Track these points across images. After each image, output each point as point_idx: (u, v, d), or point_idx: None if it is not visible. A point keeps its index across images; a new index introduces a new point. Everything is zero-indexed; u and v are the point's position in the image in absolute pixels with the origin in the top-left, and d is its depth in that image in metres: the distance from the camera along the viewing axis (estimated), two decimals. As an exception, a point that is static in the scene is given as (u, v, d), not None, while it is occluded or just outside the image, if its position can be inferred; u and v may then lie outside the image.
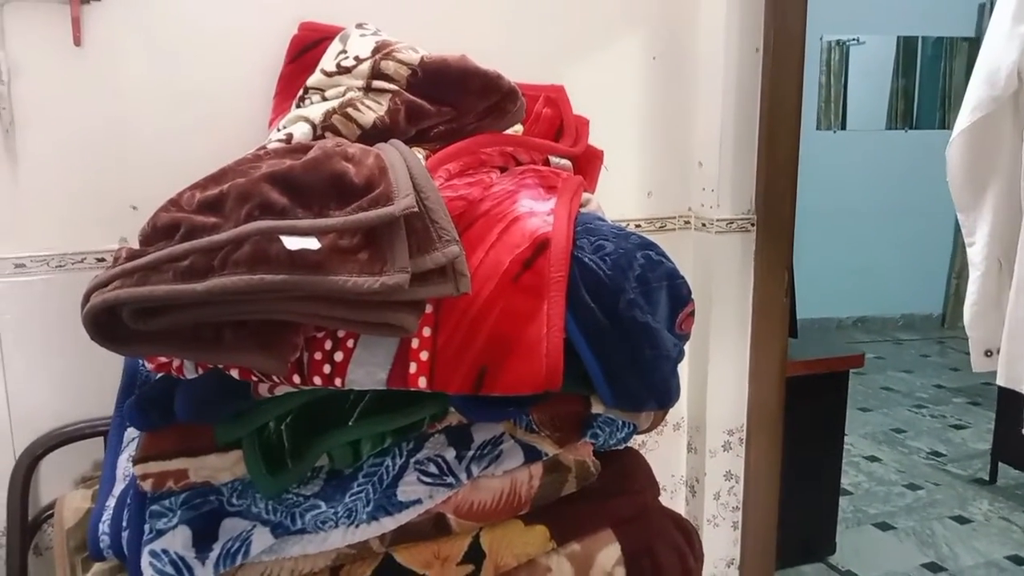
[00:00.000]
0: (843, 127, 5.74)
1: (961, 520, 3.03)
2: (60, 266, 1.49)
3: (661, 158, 1.94)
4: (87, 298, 0.86)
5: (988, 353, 1.43)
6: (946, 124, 5.78)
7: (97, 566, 1.17)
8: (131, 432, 1.29)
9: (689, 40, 1.90)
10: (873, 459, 3.61)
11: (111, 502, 1.17)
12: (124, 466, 1.23)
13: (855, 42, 5.65)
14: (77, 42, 1.43)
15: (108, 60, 1.47)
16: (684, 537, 1.18)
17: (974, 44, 5.65)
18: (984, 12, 5.55)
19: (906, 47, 5.73)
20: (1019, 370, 1.32)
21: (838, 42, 5.62)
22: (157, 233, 0.93)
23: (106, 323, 0.86)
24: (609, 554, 1.11)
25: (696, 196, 1.97)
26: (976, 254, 1.42)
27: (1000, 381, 1.38)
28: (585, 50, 1.82)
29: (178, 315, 0.86)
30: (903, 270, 5.78)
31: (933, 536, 2.91)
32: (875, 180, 5.66)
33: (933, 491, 3.29)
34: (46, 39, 1.43)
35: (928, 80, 5.79)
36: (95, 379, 1.48)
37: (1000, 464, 3.28)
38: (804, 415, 2.35)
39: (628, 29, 1.85)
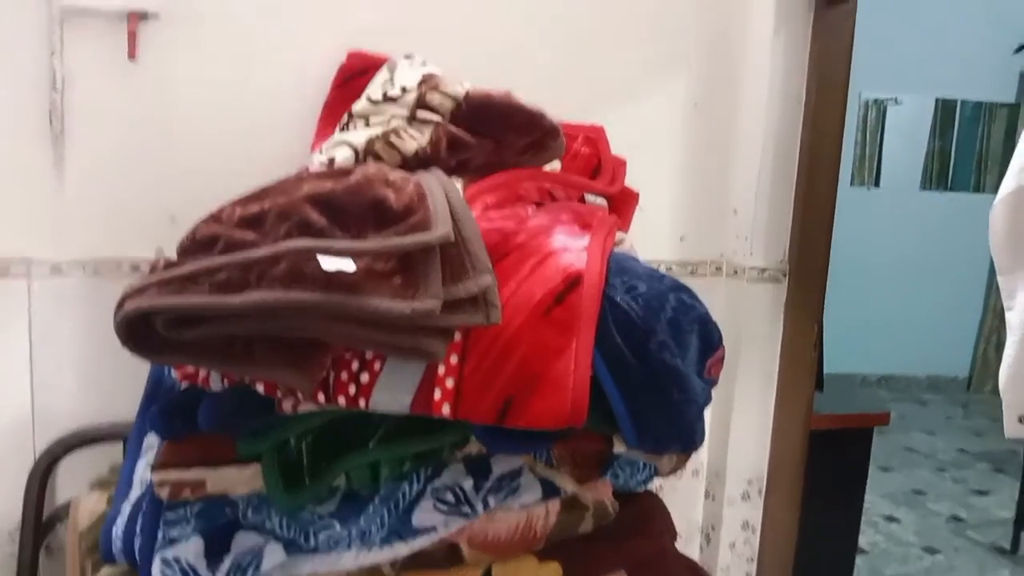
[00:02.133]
0: (877, 184, 5.72)
1: (980, 589, 2.97)
2: (96, 272, 1.51)
3: (696, 203, 1.94)
4: (121, 304, 0.87)
5: (1022, 419, 1.40)
6: (981, 187, 5.75)
7: (108, 569, 1.17)
8: (150, 439, 1.30)
9: (731, 88, 1.91)
10: (892, 519, 3.54)
11: (126, 506, 1.17)
12: (142, 472, 1.23)
13: (893, 101, 5.65)
14: (132, 56, 1.47)
15: (159, 75, 1.50)
16: (698, 584, 1.16)
17: (1014, 110, 5.63)
18: (1025, 79, 5.54)
19: (944, 109, 5.72)
20: (1052, 438, 1.30)
21: (876, 100, 5.62)
22: (196, 245, 0.94)
23: (138, 330, 0.87)
24: (622, 597, 1.10)
25: (729, 243, 1.97)
26: (1015, 318, 1.40)
27: (1034, 449, 1.35)
28: (627, 92, 1.83)
29: (210, 327, 0.87)
30: (931, 330, 5.72)
31: (950, 603, 2.85)
32: (907, 239, 5.63)
33: (952, 556, 3.22)
34: (102, 52, 1.47)
35: (965, 143, 5.76)
36: (119, 384, 1.49)
37: (1023, 534, 3.21)
38: (825, 470, 2.31)
39: (671, 75, 1.86)
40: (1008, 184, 1.37)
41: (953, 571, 3.09)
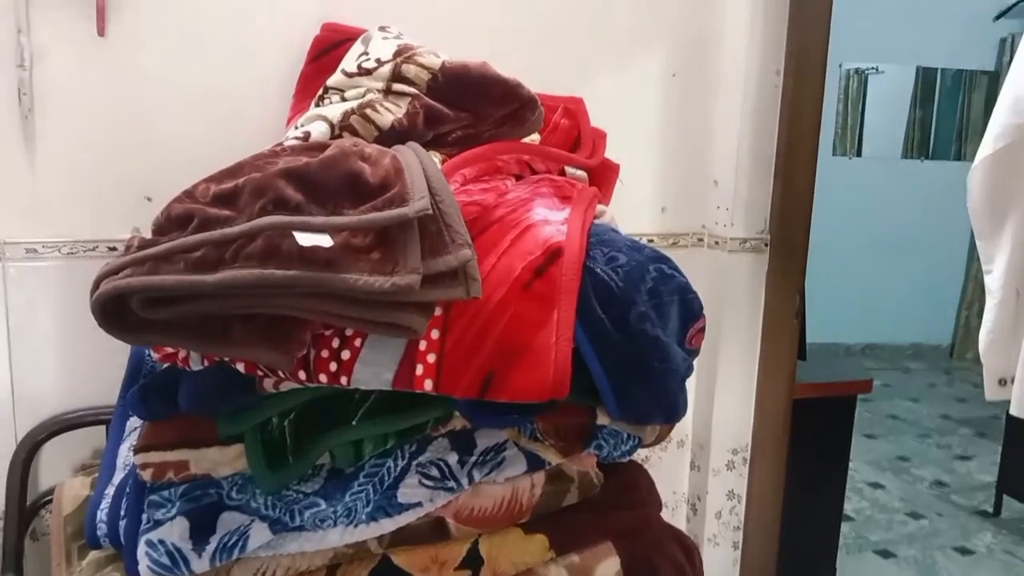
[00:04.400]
0: (859, 154, 5.74)
1: (963, 551, 3.00)
2: (72, 253, 1.49)
3: (677, 174, 1.94)
4: (97, 285, 0.86)
5: (1002, 382, 1.42)
6: (962, 156, 5.78)
7: (93, 554, 1.17)
8: (133, 422, 1.29)
9: (710, 59, 1.90)
10: (877, 486, 3.58)
11: (110, 490, 1.17)
12: (125, 455, 1.23)
13: (874, 71, 5.65)
14: (101, 32, 1.44)
15: (130, 51, 1.48)
16: (684, 554, 1.17)
17: (993, 78, 5.65)
18: (1004, 46, 5.54)
19: (925, 78, 5.73)
20: (1033, 400, 1.31)
21: (857, 70, 5.62)
22: (170, 223, 0.93)
23: (115, 311, 0.86)
24: (608, 567, 1.10)
25: (710, 214, 1.97)
26: (993, 282, 1.41)
27: (1013, 410, 1.37)
28: (606, 64, 1.82)
29: (187, 306, 0.86)
30: (914, 299, 5.77)
31: (935, 566, 2.88)
32: (889, 208, 5.66)
33: (936, 521, 3.26)
34: (70, 28, 1.43)
35: (946, 112, 5.78)
36: (100, 367, 1.48)
37: (1005, 497, 3.26)
38: (809, 438, 2.33)
39: (649, 45, 1.85)
40: (985, 149, 1.38)
41: (937, 535, 3.13)
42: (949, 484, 3.64)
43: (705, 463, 2.01)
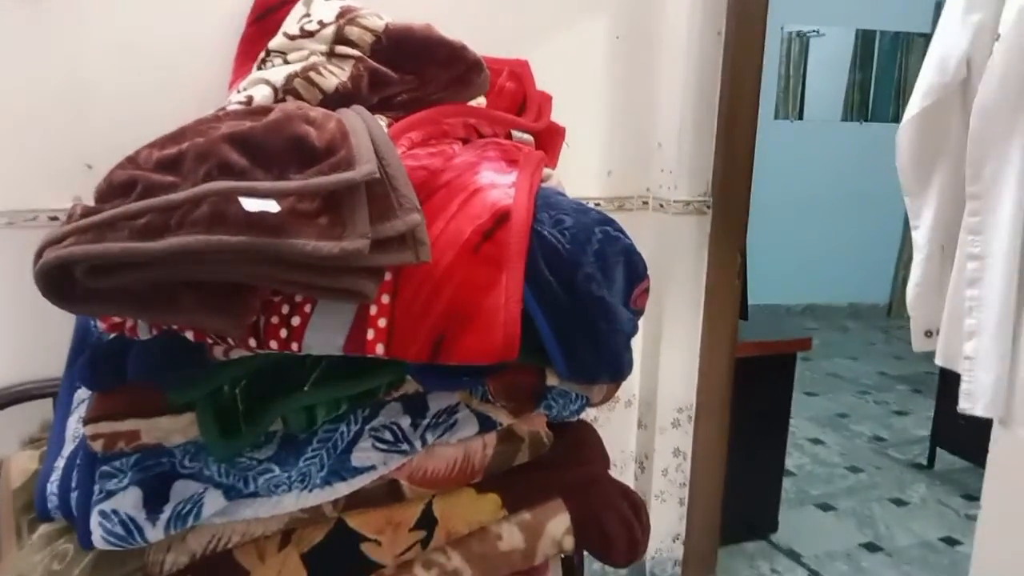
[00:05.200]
0: (800, 117, 5.82)
1: (899, 502, 3.12)
2: (11, 223, 1.46)
3: (622, 138, 1.96)
4: (40, 254, 0.84)
5: (928, 333, 1.47)
6: (899, 118, 5.86)
7: (44, 527, 1.15)
8: (81, 394, 1.27)
9: (652, 21, 1.91)
10: (817, 442, 3.69)
11: (60, 463, 1.15)
12: (73, 427, 1.21)
13: (815, 34, 5.72)
14: (34, -6, 1.41)
15: (67, 14, 1.44)
16: (632, 509, 1.20)
17: (929, 39, 5.75)
18: (940, 8, 5.65)
19: (864, 40, 5.81)
20: (956, 349, 1.37)
21: (798, 33, 5.68)
22: (113, 190, 0.91)
23: (58, 280, 0.85)
24: (559, 523, 1.13)
25: (655, 177, 1.99)
26: (920, 237, 1.46)
27: (938, 360, 1.43)
28: (550, 26, 1.82)
29: (133, 274, 0.85)
30: (852, 260, 5.89)
31: (872, 517, 2.99)
32: (829, 171, 5.76)
33: (874, 474, 3.38)
34: (2, -9, 1.39)
35: (884, 74, 5.88)
36: (45, 339, 1.45)
37: (938, 450, 3.38)
38: (752, 397, 2.40)
39: (593, 7, 1.86)
40: (912, 108, 1.42)
41: (875, 488, 3.25)
42: (886, 439, 3.76)
43: (652, 422, 2.06)
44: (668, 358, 2.01)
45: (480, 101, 1.35)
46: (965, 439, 3.16)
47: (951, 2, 1.38)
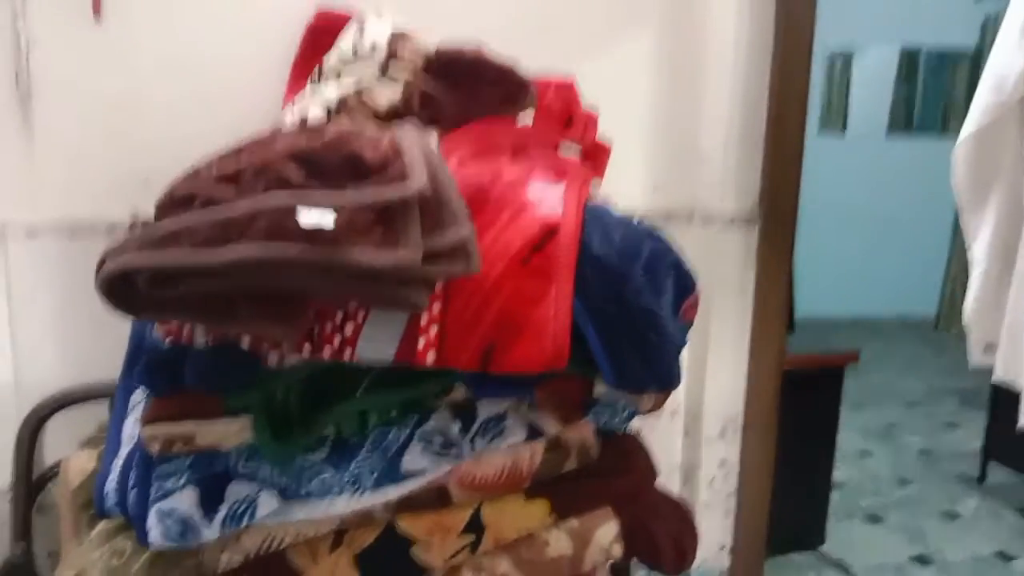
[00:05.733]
0: (844, 132, 5.77)
1: (950, 516, 3.07)
2: (72, 234, 1.51)
3: (667, 152, 1.96)
4: (102, 263, 0.88)
5: (987, 348, 1.46)
6: (946, 132, 5.81)
7: (103, 524, 1.18)
8: (136, 396, 1.31)
9: (698, 36, 1.91)
10: (865, 454, 3.64)
11: (117, 463, 1.19)
12: (130, 429, 1.25)
13: (859, 50, 5.67)
14: (97, 14, 1.45)
15: (126, 33, 1.48)
16: (680, 517, 1.20)
17: (976, 56, 5.68)
18: (987, 25, 5.56)
19: (908, 57, 5.75)
20: (1017, 366, 1.35)
21: (842, 50, 5.64)
22: (174, 203, 0.94)
23: (120, 289, 0.88)
24: (607, 531, 1.14)
25: (701, 190, 1.99)
26: (978, 252, 1.45)
27: (997, 375, 1.41)
28: (596, 44, 1.83)
29: (192, 284, 0.87)
30: (899, 272, 5.82)
31: (922, 531, 2.94)
32: (875, 184, 5.70)
33: (923, 487, 3.32)
34: (65, 10, 1.44)
35: (930, 89, 5.81)
36: (102, 345, 1.48)
37: (990, 463, 3.32)
38: (799, 408, 2.37)
39: (638, 24, 1.87)
40: (969, 126, 1.42)
41: (925, 501, 3.19)
42: (936, 452, 3.69)
43: (697, 433, 2.05)
44: (715, 369, 2.00)
45: (527, 117, 1.37)
46: (1019, 452, 3.09)
47: (1007, 22, 1.38)
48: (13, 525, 1.49)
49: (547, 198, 1.09)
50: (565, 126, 1.43)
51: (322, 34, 1.46)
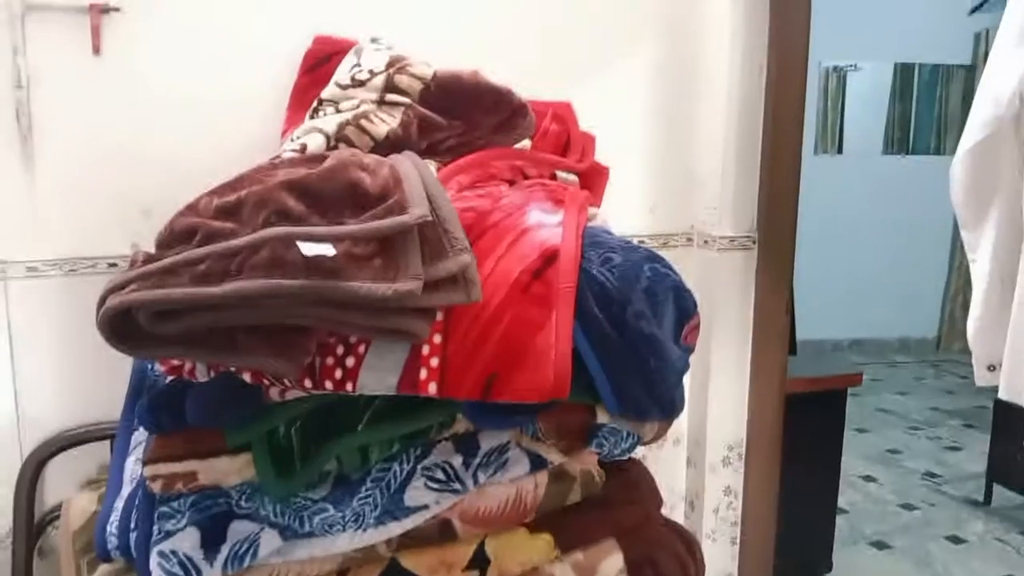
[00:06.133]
0: (840, 152, 5.79)
1: (956, 540, 3.04)
2: (72, 270, 1.50)
3: (665, 175, 1.97)
4: (103, 300, 0.87)
5: (991, 368, 1.45)
6: (942, 150, 5.83)
7: (104, 567, 1.17)
8: (138, 436, 1.30)
9: (693, 58, 1.93)
10: (869, 479, 3.62)
11: (119, 504, 1.18)
12: (131, 469, 1.24)
13: (852, 68, 5.70)
14: (96, 51, 1.46)
15: (125, 69, 1.50)
16: (686, 547, 1.19)
17: (970, 71, 5.72)
18: (980, 40, 5.61)
19: (903, 74, 5.78)
20: (1020, 384, 1.34)
21: (835, 68, 5.68)
22: (174, 237, 0.94)
23: (121, 325, 0.88)
24: (612, 563, 1.12)
25: (699, 213, 2.00)
26: (979, 271, 1.45)
27: (1002, 394, 1.40)
28: (592, 68, 1.85)
29: (194, 319, 0.87)
30: (899, 294, 5.80)
31: (928, 556, 2.91)
32: (872, 204, 5.69)
33: (929, 511, 3.29)
34: (66, 48, 1.46)
35: (924, 106, 5.84)
36: (103, 383, 1.49)
37: (995, 485, 3.29)
38: (802, 433, 2.36)
39: (634, 48, 1.88)
40: (966, 142, 1.42)
41: (930, 525, 3.17)
42: (940, 475, 3.67)
43: (701, 460, 2.04)
44: (716, 395, 1.99)
45: (525, 143, 1.38)
46: (1024, 474, 3.08)
47: (1001, 35, 1.38)
48: (14, 571, 1.47)
49: (546, 224, 1.09)
50: (563, 148, 1.43)
51: (320, 63, 1.47)
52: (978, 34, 5.62)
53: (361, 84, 1.27)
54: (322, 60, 1.47)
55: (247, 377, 0.98)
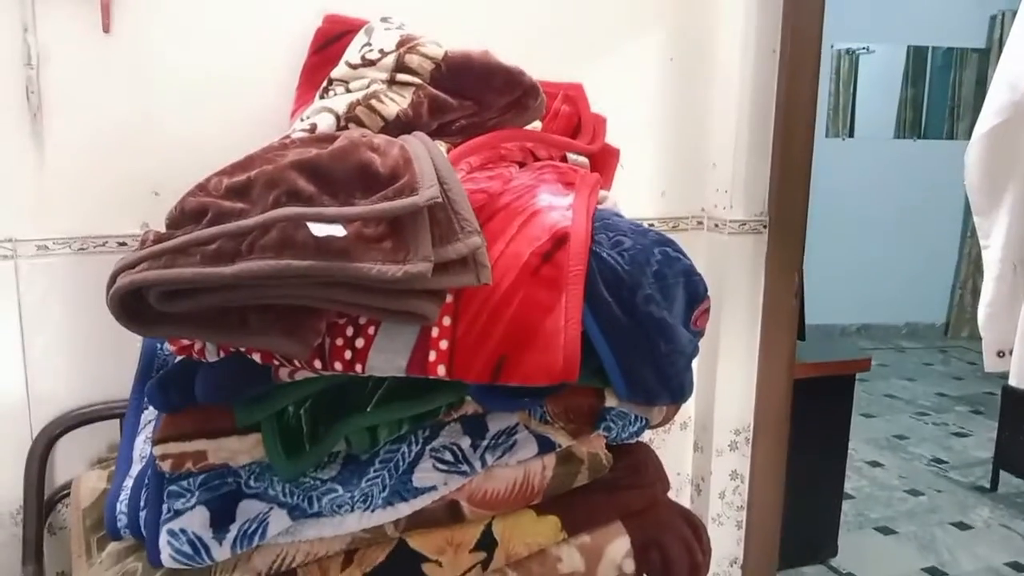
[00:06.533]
0: (851, 135, 5.75)
1: (962, 526, 3.04)
2: (82, 249, 1.50)
3: (676, 158, 1.96)
4: (114, 279, 0.87)
5: (1000, 354, 1.44)
6: (954, 134, 5.79)
7: (113, 545, 1.18)
8: (148, 415, 1.31)
9: (706, 42, 1.91)
10: (875, 464, 3.62)
11: (128, 483, 1.18)
12: (141, 448, 1.25)
13: (865, 51, 5.66)
14: (106, 29, 1.45)
15: (135, 47, 1.49)
16: (692, 531, 1.19)
17: (984, 55, 5.66)
18: (995, 23, 5.55)
19: (916, 57, 5.73)
20: (1030, 370, 1.34)
21: (848, 51, 5.63)
22: (185, 217, 0.94)
23: (132, 304, 0.88)
24: (619, 546, 1.13)
25: (709, 197, 1.99)
26: (991, 256, 1.44)
27: (1012, 381, 1.40)
28: (604, 49, 1.84)
29: (204, 298, 0.87)
30: (908, 279, 5.79)
31: (934, 541, 2.92)
32: (883, 188, 5.67)
33: (934, 497, 3.30)
34: (75, 25, 1.45)
35: (937, 90, 5.79)
36: (113, 362, 1.50)
37: (1001, 472, 3.29)
38: (809, 418, 2.36)
39: (646, 30, 1.87)
40: (981, 127, 1.40)
41: (936, 511, 3.17)
42: (947, 461, 3.67)
43: (708, 444, 2.04)
44: (725, 379, 1.99)
45: (536, 125, 1.37)
46: (1032, 461, 3.07)
47: (1019, 20, 1.36)
48: (24, 547, 1.48)
49: (556, 206, 1.08)
50: (574, 130, 1.42)
51: (330, 42, 1.46)
52: (993, 17, 5.56)
53: (371, 64, 1.26)
54: (332, 39, 1.46)
55: (257, 357, 0.98)
